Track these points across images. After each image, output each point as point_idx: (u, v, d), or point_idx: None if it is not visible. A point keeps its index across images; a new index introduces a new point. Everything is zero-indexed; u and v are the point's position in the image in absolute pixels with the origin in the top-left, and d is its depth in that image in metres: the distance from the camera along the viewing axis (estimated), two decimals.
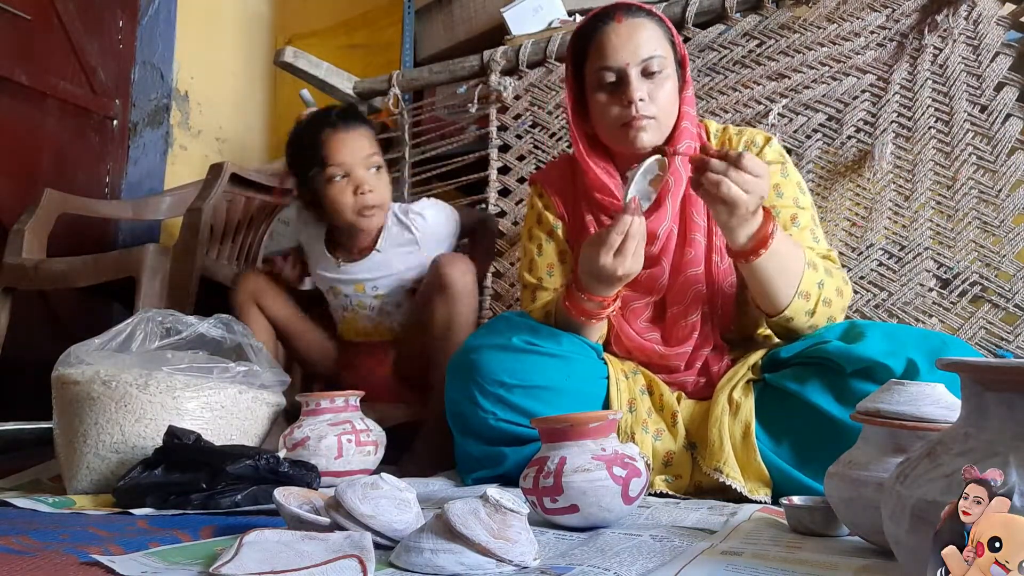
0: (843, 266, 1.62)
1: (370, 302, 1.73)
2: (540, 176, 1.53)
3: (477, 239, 1.87)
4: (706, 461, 1.19)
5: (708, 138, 1.41)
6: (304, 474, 1.13)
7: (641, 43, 1.29)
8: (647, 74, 1.29)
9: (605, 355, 1.35)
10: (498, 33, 2.23)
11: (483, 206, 2.08)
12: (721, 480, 1.15)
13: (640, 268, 1.21)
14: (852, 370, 1.12)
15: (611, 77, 1.30)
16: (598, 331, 1.33)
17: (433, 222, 1.73)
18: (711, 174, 1.11)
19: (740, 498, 1.14)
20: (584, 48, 1.34)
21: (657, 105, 1.29)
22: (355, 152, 1.62)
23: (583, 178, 1.41)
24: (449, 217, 1.77)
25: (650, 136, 1.30)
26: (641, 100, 1.28)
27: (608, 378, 1.30)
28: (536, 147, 2.07)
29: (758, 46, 1.84)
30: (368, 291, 1.72)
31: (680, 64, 1.36)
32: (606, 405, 1.29)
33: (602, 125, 1.34)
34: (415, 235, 1.70)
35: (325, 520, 0.82)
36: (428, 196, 1.97)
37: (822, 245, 1.34)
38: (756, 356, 1.29)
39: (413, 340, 1.66)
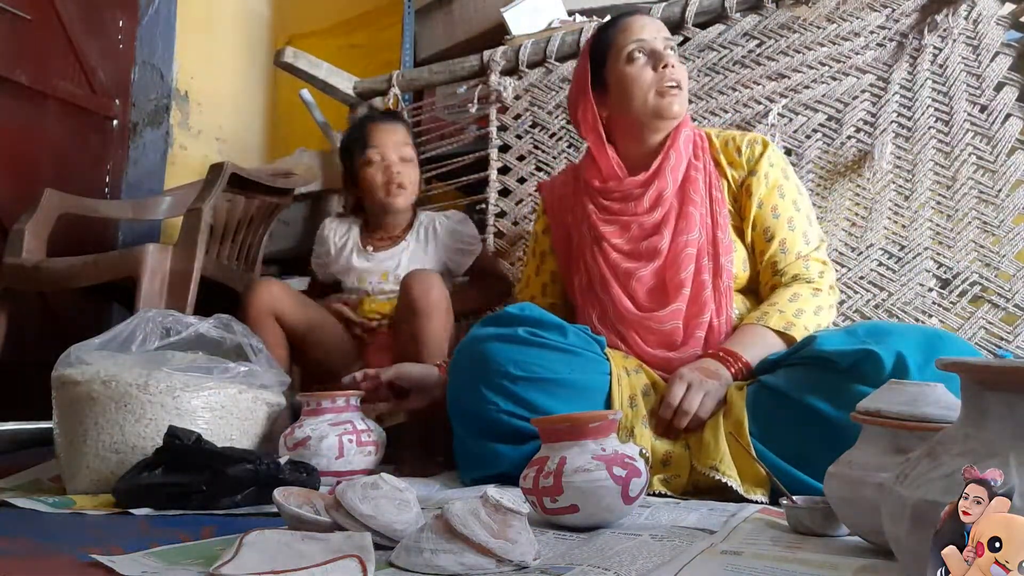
0: (843, 266, 1.62)
1: (391, 287, 1.82)
2: (544, 185, 1.70)
3: (486, 284, 1.94)
4: (702, 461, 1.19)
5: (710, 146, 1.48)
6: (305, 479, 1.13)
7: (663, 28, 1.47)
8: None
9: (607, 350, 1.35)
10: (498, 33, 2.23)
11: (483, 206, 2.09)
12: (717, 478, 1.15)
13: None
14: (846, 365, 1.12)
15: (643, 51, 1.42)
16: None
17: (448, 225, 1.91)
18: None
19: (739, 498, 1.14)
20: (605, 45, 1.47)
21: (683, 77, 1.42)
22: (390, 138, 1.87)
23: (585, 173, 1.52)
24: (465, 227, 1.92)
25: (680, 105, 1.42)
26: (673, 66, 1.40)
27: (610, 374, 1.31)
28: (536, 147, 2.06)
29: (758, 46, 1.84)
30: (391, 280, 1.83)
31: None
32: (608, 401, 1.29)
33: (634, 99, 1.42)
34: (433, 234, 1.89)
35: (326, 520, 0.82)
36: (429, 196, 2.00)
37: (812, 244, 1.42)
38: None
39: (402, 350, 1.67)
